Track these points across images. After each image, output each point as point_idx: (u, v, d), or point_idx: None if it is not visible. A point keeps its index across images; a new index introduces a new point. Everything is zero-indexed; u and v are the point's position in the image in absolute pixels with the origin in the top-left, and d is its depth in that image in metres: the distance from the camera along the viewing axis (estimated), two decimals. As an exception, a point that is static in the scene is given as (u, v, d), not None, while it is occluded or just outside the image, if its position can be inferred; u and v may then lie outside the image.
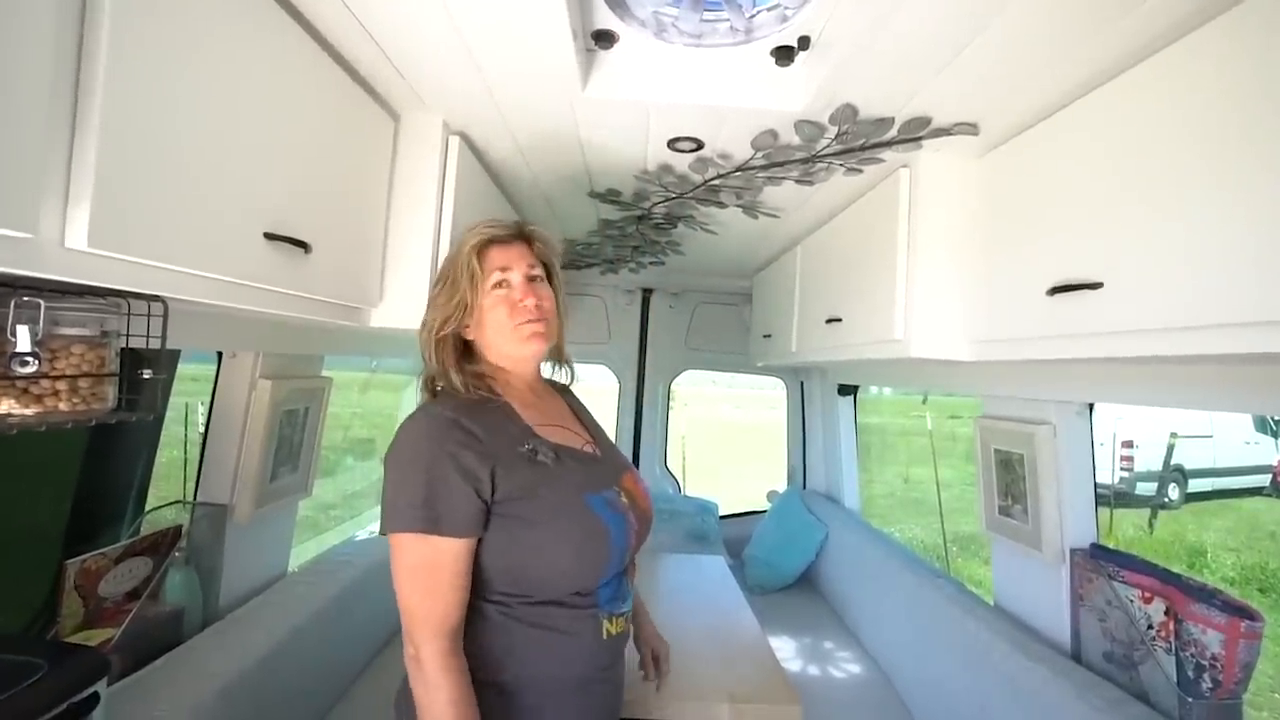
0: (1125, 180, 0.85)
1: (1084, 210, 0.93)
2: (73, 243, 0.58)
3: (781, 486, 3.23)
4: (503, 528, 0.85)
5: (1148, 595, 1.28)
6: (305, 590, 1.56)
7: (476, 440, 0.85)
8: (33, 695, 0.70)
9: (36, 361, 0.68)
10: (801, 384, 3.21)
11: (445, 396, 0.92)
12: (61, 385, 0.72)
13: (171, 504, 1.41)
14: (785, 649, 2.14)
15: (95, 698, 0.77)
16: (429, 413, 0.87)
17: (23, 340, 0.66)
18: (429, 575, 0.81)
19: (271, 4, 0.84)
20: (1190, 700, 1.16)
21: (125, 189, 0.61)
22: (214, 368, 1.44)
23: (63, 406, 0.72)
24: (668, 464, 3.40)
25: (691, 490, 3.44)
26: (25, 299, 0.68)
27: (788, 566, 2.69)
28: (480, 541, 0.85)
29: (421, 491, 0.80)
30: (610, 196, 1.74)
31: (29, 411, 0.69)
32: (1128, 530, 6.16)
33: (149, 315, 0.85)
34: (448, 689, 0.79)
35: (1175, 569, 1.29)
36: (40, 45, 0.53)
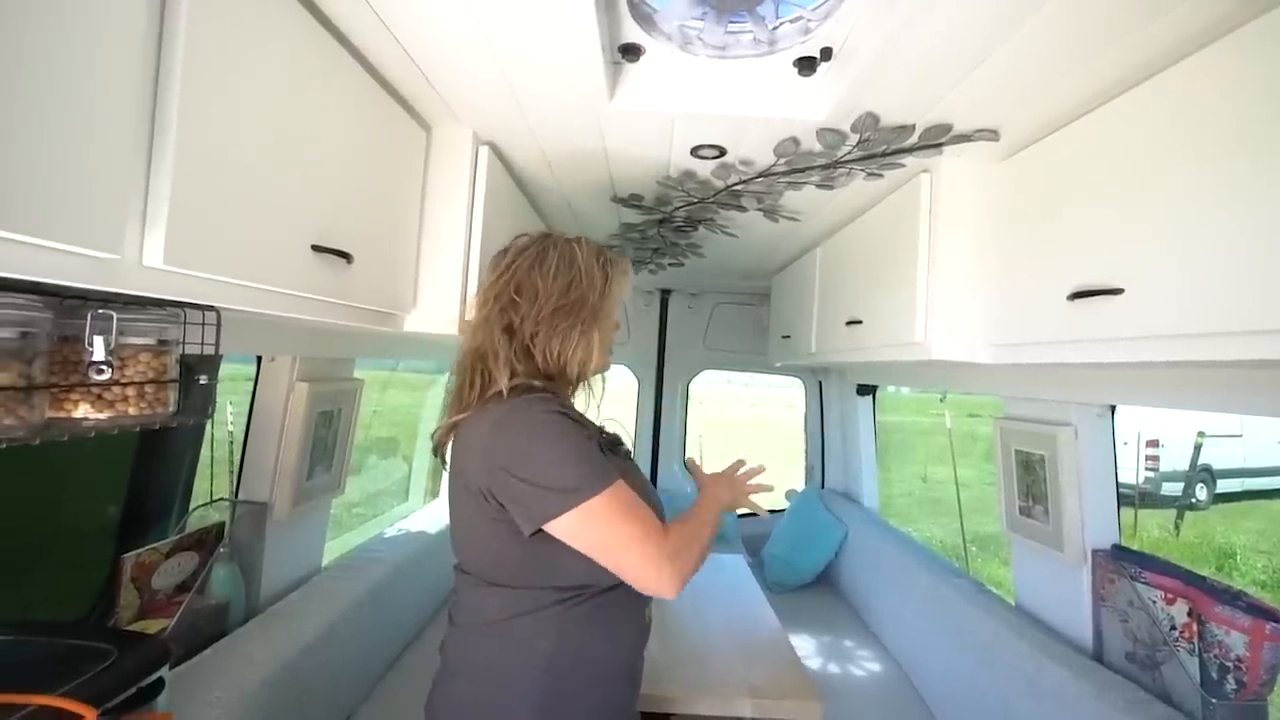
0: (1145, 187, 0.86)
1: (1104, 216, 0.94)
2: (150, 261, 0.62)
3: (800, 485, 3.25)
4: None
5: (1170, 596, 1.28)
6: (340, 585, 1.62)
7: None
8: (107, 679, 0.75)
9: (110, 369, 0.73)
10: (820, 384, 3.22)
11: (530, 389, 0.91)
12: (131, 391, 0.77)
13: (215, 502, 1.48)
14: (805, 647, 2.16)
15: (160, 683, 0.82)
16: (543, 397, 0.88)
17: (99, 350, 0.72)
18: (634, 505, 0.85)
19: (314, 24, 0.88)
20: (1214, 701, 1.17)
21: (195, 210, 0.66)
22: (240, 368, 1.50)
23: (132, 411, 0.78)
24: (686, 462, 3.42)
25: (710, 489, 3.45)
26: (100, 312, 0.73)
27: (807, 565, 2.71)
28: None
29: (589, 453, 0.85)
30: (632, 201, 1.78)
31: (103, 416, 0.75)
32: (1153, 531, 6.05)
33: (203, 324, 0.90)
34: (686, 535, 0.88)
35: (1203, 572, 1.29)
36: (125, 88, 0.58)
